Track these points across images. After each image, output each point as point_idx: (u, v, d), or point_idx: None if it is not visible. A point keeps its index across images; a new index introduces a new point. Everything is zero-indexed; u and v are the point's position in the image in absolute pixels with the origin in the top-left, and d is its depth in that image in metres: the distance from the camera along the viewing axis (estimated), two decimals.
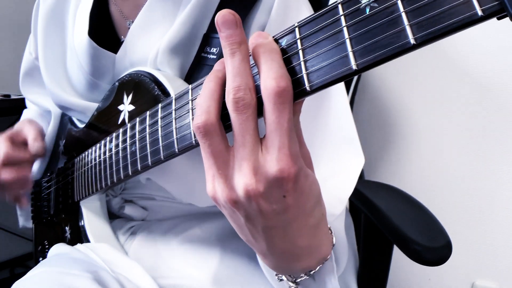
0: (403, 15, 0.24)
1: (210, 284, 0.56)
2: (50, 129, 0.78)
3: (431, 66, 1.00)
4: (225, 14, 0.31)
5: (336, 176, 0.54)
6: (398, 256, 0.63)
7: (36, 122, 0.78)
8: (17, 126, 0.76)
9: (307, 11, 0.56)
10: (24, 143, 0.73)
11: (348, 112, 0.56)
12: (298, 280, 0.41)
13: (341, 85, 0.57)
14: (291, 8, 0.54)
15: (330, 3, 0.28)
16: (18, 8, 1.43)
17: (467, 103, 0.98)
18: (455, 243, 0.56)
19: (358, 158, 0.56)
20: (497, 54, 0.92)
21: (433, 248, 0.56)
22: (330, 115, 0.55)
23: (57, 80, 0.68)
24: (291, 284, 0.41)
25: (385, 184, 0.78)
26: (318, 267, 0.40)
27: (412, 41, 0.23)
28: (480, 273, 1.04)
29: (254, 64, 0.32)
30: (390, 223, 0.62)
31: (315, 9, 0.59)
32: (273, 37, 0.33)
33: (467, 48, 0.95)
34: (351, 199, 0.81)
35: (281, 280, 0.42)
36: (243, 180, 0.31)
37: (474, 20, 0.21)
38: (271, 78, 0.29)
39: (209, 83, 0.34)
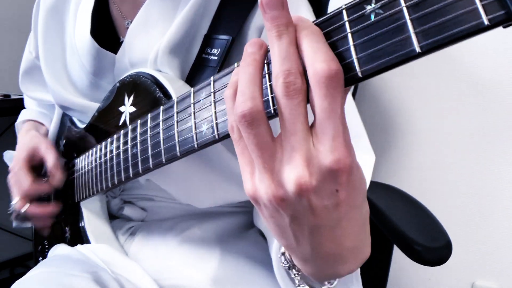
0: (409, 23, 0.23)
1: (210, 284, 0.56)
2: (52, 127, 0.78)
3: (431, 66, 1.00)
4: None
5: None
6: (398, 256, 0.63)
7: (46, 139, 0.76)
8: (30, 141, 0.74)
9: (306, 11, 0.56)
10: (42, 164, 0.72)
11: (354, 108, 0.55)
12: None
13: None
14: (290, 9, 0.54)
15: (330, 3, 0.28)
16: (18, 9, 1.43)
17: (467, 103, 0.98)
18: (455, 243, 0.56)
19: (368, 155, 0.54)
20: (497, 54, 0.92)
21: (433, 248, 0.57)
22: None
23: (58, 79, 0.68)
24: None
25: (385, 184, 0.78)
26: None
27: (418, 49, 0.23)
28: (480, 273, 1.04)
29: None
30: (390, 223, 0.62)
31: (315, 8, 0.59)
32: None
33: (467, 47, 0.95)
34: None
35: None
36: (294, 173, 0.28)
37: (480, 29, 0.21)
38: (321, 60, 0.27)
39: (247, 67, 0.31)
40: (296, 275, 0.39)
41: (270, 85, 0.31)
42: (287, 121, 0.28)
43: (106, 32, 0.65)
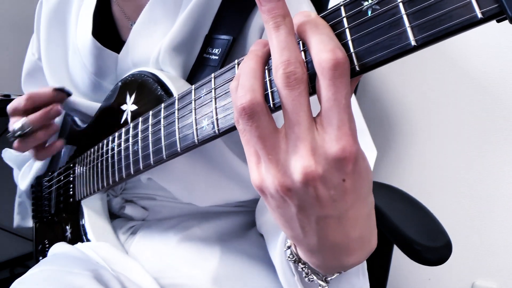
0: (404, 17, 0.24)
1: (210, 283, 0.56)
2: None
3: (431, 66, 1.01)
4: None
5: None
6: (398, 256, 0.63)
7: None
8: None
9: (307, 8, 0.57)
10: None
11: (356, 104, 0.56)
12: (329, 278, 0.38)
13: None
14: (292, 8, 0.55)
15: (330, 2, 0.29)
16: (19, 9, 1.43)
17: (467, 103, 0.98)
18: (455, 243, 0.56)
19: (370, 151, 0.55)
20: (497, 54, 0.93)
21: (433, 248, 0.57)
22: None
23: (60, 80, 0.69)
24: (322, 283, 0.39)
25: (385, 184, 0.78)
26: None
27: (413, 43, 0.24)
28: (480, 273, 1.04)
29: (299, 40, 0.31)
30: (390, 223, 0.62)
31: (316, 6, 0.59)
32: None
33: (467, 48, 0.95)
34: None
35: (312, 281, 0.39)
36: (300, 162, 0.28)
37: (474, 23, 0.22)
38: (325, 50, 0.27)
39: (248, 61, 0.31)
40: (304, 268, 0.39)
41: (270, 80, 0.31)
42: (289, 112, 0.28)
43: (108, 32, 0.66)
